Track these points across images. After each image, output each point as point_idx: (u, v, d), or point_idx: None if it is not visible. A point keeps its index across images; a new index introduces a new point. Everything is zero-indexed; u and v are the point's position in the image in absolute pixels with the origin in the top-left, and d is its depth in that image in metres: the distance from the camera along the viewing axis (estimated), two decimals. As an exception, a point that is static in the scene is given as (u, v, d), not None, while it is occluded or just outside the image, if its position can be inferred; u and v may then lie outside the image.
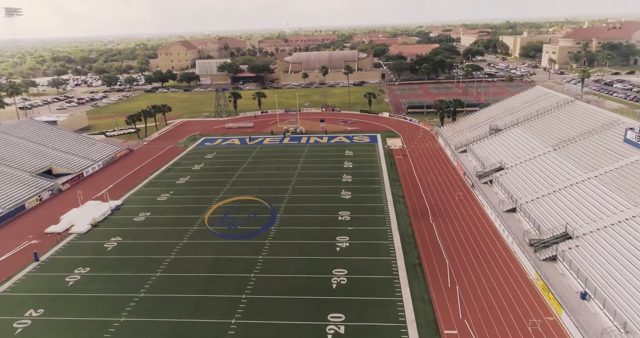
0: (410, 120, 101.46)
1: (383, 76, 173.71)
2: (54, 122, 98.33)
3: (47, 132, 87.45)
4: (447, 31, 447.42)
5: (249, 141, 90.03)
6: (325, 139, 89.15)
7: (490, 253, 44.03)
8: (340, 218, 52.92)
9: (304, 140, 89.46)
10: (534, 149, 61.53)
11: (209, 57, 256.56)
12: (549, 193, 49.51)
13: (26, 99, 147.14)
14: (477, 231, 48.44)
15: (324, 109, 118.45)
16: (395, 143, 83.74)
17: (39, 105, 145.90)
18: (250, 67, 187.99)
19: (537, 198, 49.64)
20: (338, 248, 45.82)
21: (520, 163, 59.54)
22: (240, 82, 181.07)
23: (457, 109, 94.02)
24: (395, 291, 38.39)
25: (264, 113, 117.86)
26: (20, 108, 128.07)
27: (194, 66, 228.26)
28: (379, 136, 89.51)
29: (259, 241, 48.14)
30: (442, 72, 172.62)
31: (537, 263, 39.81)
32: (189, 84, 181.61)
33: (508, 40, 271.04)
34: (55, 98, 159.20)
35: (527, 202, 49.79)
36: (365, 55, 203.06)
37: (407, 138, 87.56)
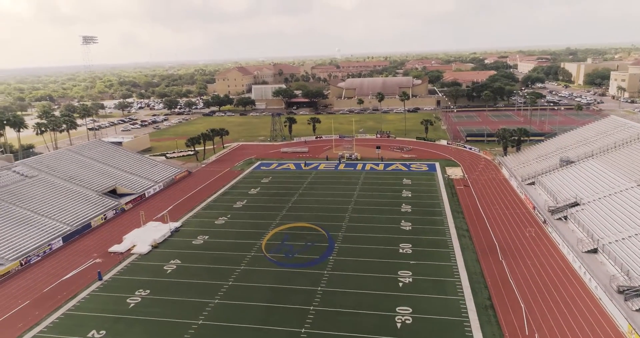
0: (470, 149, 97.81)
1: (438, 102, 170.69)
2: (120, 144, 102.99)
3: (113, 153, 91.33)
4: (503, 58, 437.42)
5: (305, 166, 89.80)
6: (381, 167, 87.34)
7: (571, 298, 40.02)
8: (401, 250, 50.53)
9: (359, 167, 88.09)
10: (615, 184, 56.68)
11: (264, 82, 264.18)
12: (636, 234, 44.88)
13: (95, 121, 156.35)
14: (553, 273, 44.46)
15: (378, 136, 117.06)
16: (455, 172, 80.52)
17: (106, 126, 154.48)
18: (304, 92, 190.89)
19: (623, 238, 45.10)
20: (401, 284, 43.39)
21: (599, 198, 54.90)
22: (294, 107, 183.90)
23: (521, 138, 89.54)
24: (466, 335, 35.42)
25: (318, 138, 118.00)
26: (89, 129, 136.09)
27: (249, 90, 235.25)
28: (437, 165, 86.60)
29: (317, 272, 46.60)
30: (501, 100, 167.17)
31: (630, 314, 35.54)
32: (244, 108, 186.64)
33: (570, 67, 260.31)
34: (121, 120, 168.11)
35: (610, 243, 45.35)
36: (419, 81, 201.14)
37: (467, 167, 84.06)
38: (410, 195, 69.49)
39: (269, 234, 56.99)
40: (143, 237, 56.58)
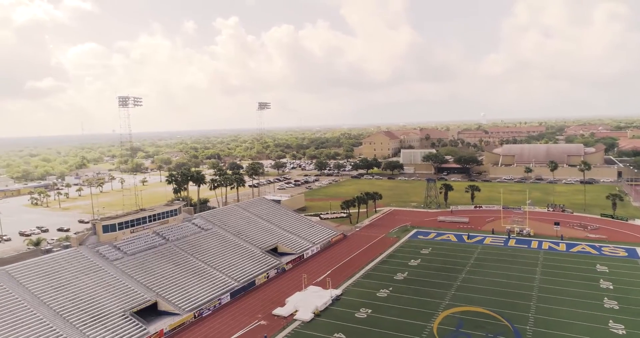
0: (682, 233, 79.04)
1: (619, 173, 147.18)
2: (278, 202, 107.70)
3: (274, 210, 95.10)
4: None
5: (468, 238, 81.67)
6: (562, 247, 74.82)
7: None
8: (619, 363, 39.60)
9: (534, 244, 76.79)
10: None
11: (410, 146, 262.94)
12: None
13: (254, 179, 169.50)
14: None
15: (551, 209, 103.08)
16: (669, 263, 64.55)
17: (264, 184, 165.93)
18: (455, 158, 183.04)
19: None
20: None
21: None
22: (444, 173, 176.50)
23: None
24: None
25: (477, 208, 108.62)
26: (250, 186, 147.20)
27: (395, 154, 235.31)
28: (639, 250, 71.02)
29: (508, 376, 38.48)
30: None
31: None
32: (392, 172, 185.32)
33: None
34: (276, 179, 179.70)
35: None
36: (593, 149, 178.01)
37: (685, 258, 67.04)
38: (611, 287, 56.76)
39: (440, 316, 50.45)
40: (305, 302, 54.79)
